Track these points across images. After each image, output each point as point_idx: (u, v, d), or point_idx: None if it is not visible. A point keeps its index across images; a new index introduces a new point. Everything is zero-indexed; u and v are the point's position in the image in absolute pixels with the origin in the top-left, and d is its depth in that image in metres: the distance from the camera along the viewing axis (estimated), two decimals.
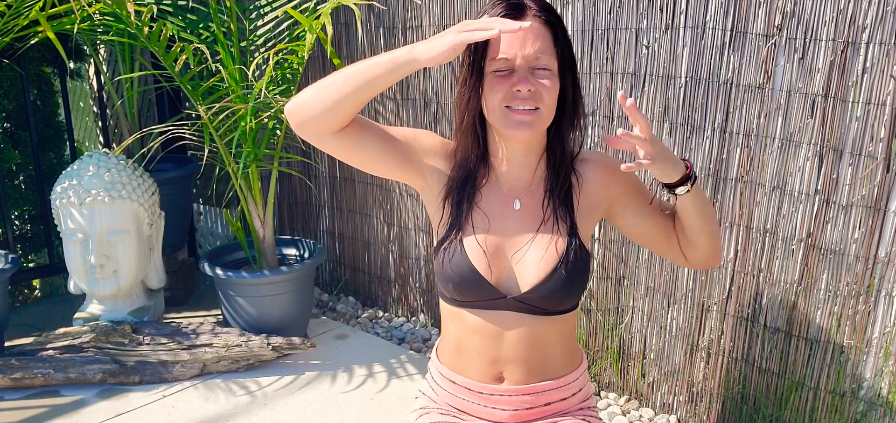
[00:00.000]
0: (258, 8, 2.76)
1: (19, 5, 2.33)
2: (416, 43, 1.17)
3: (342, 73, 1.21)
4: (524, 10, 1.21)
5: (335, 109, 1.21)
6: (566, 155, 1.32)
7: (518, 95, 1.20)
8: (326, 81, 1.22)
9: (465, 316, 1.35)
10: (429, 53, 1.15)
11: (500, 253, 1.31)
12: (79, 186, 2.62)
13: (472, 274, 1.29)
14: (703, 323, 2.23)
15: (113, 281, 2.71)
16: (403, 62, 1.17)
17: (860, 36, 1.78)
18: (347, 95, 1.19)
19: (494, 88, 1.22)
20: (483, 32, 1.12)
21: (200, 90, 2.54)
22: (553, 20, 1.22)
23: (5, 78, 3.18)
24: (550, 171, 1.33)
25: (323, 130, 1.24)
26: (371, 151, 1.29)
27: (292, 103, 1.25)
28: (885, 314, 1.88)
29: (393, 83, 1.21)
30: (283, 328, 2.74)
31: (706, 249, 1.36)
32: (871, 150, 1.81)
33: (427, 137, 1.37)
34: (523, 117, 1.22)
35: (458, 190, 1.33)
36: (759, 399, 2.15)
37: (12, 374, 2.47)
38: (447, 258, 1.32)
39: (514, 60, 1.20)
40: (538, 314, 1.32)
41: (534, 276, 1.29)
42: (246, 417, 2.37)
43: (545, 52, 1.21)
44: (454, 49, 1.13)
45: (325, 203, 3.38)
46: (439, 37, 1.15)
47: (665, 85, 2.14)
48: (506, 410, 1.36)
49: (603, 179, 1.36)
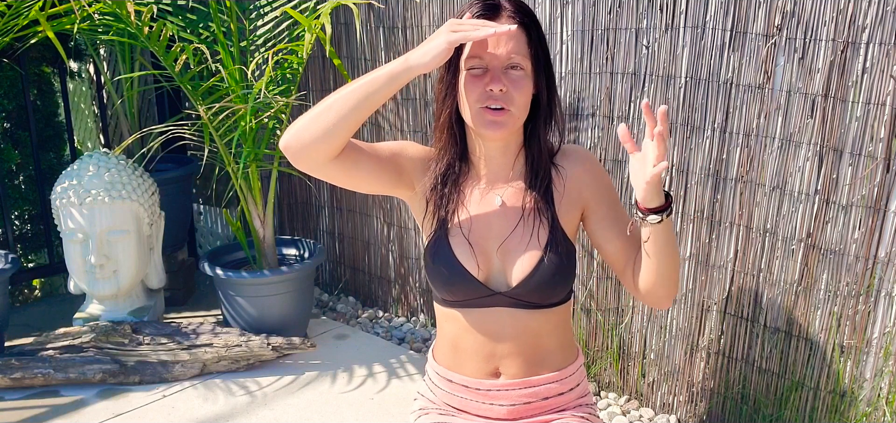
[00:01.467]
0: (258, 8, 2.76)
1: (19, 5, 2.33)
2: (408, 52, 1.18)
3: (338, 94, 1.21)
4: (499, 10, 1.23)
5: (335, 130, 1.20)
6: (544, 151, 1.33)
7: (491, 94, 1.22)
8: (322, 105, 1.22)
9: (459, 316, 1.36)
10: (424, 59, 1.16)
11: (486, 250, 1.32)
12: (79, 186, 2.62)
13: (461, 272, 1.30)
14: (703, 323, 2.23)
15: (113, 281, 2.71)
16: (400, 72, 1.18)
17: (860, 36, 1.78)
18: (347, 114, 1.20)
19: (468, 87, 1.24)
20: (475, 33, 1.14)
21: (200, 90, 2.54)
22: (527, 21, 1.24)
23: (5, 78, 3.18)
24: (529, 166, 1.34)
25: (322, 156, 1.24)
26: (367, 171, 1.30)
27: (289, 134, 1.24)
28: (885, 314, 1.88)
29: (391, 96, 1.21)
30: (283, 328, 2.74)
31: (656, 286, 1.29)
32: (871, 150, 1.81)
33: (412, 148, 1.38)
34: (495, 117, 1.23)
35: (440, 188, 1.34)
36: (759, 399, 2.15)
37: (12, 374, 2.47)
38: (435, 259, 1.33)
39: (489, 60, 1.22)
40: (530, 308, 1.33)
41: (520, 270, 1.30)
42: (246, 417, 2.37)
43: (519, 52, 1.22)
44: (448, 51, 1.15)
45: (325, 203, 3.38)
46: (431, 40, 1.16)
47: (665, 85, 2.14)
48: (503, 405, 1.37)
49: (581, 176, 1.35)
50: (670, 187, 2.19)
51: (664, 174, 1.17)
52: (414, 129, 2.88)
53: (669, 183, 2.19)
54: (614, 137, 2.29)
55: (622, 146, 2.27)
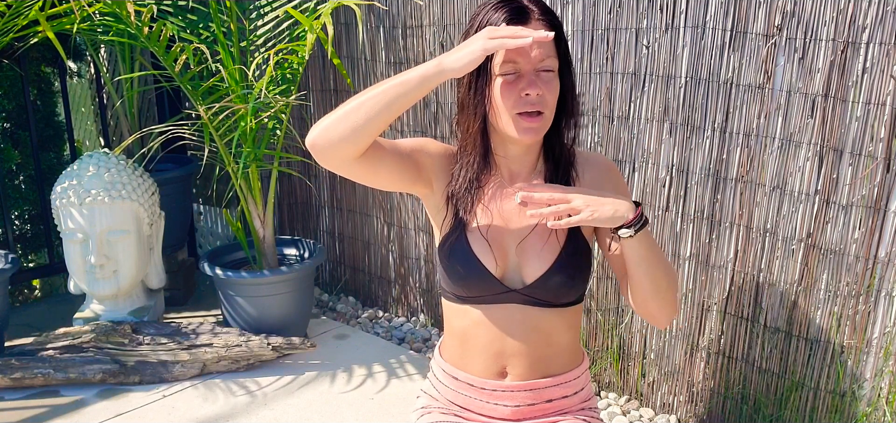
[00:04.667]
0: (258, 8, 2.76)
1: (19, 5, 2.33)
2: (442, 55, 1.18)
3: (368, 94, 1.20)
4: (528, 14, 1.23)
5: (364, 129, 1.20)
6: (564, 147, 1.35)
7: (527, 99, 1.22)
8: (351, 104, 1.21)
9: (471, 312, 1.36)
10: (459, 63, 1.16)
11: (504, 247, 1.32)
12: (79, 186, 2.62)
13: (478, 269, 1.31)
14: (703, 323, 2.23)
15: (113, 281, 2.71)
16: (433, 74, 1.17)
17: (860, 36, 1.78)
18: (377, 114, 1.19)
19: (504, 93, 1.24)
20: (513, 41, 1.13)
21: (200, 90, 2.54)
22: (556, 23, 1.25)
23: (5, 78, 3.18)
24: (550, 163, 1.35)
25: (348, 154, 1.23)
26: (389, 169, 1.30)
27: (316, 131, 1.23)
28: (885, 314, 1.88)
29: (421, 98, 1.21)
30: (282, 328, 2.74)
31: (646, 302, 1.30)
32: (871, 150, 1.81)
33: (432, 145, 1.38)
34: (531, 123, 1.24)
35: (461, 189, 1.34)
36: (759, 399, 2.15)
37: (12, 374, 2.47)
38: (452, 255, 1.33)
39: (522, 65, 1.23)
40: (543, 307, 1.33)
41: (538, 268, 1.31)
42: (246, 417, 2.37)
43: (549, 54, 1.23)
44: (482, 57, 1.15)
45: (325, 203, 3.38)
46: (467, 45, 1.16)
47: (665, 85, 2.14)
48: (508, 406, 1.37)
49: (599, 180, 1.37)
50: (670, 188, 2.19)
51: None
52: (413, 129, 2.88)
53: (669, 183, 2.19)
54: (614, 137, 2.29)
55: (623, 147, 2.27)
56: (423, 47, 2.74)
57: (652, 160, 2.22)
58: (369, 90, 1.21)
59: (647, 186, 2.25)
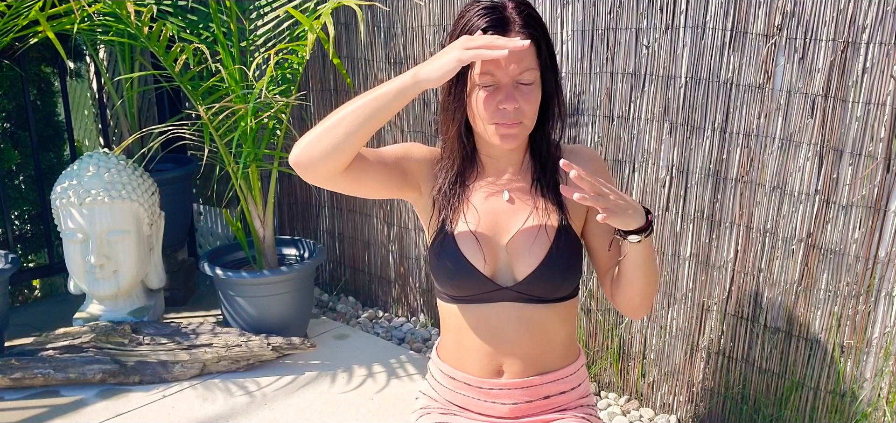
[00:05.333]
0: (258, 8, 2.75)
1: (19, 5, 2.33)
2: (419, 65, 1.18)
3: (346, 109, 1.20)
4: (509, 24, 1.22)
5: (344, 145, 1.20)
6: (550, 144, 1.35)
7: (504, 113, 1.22)
8: (330, 121, 1.21)
9: (464, 312, 1.36)
10: (435, 74, 1.16)
11: (493, 244, 1.33)
12: (79, 186, 2.62)
13: (467, 267, 1.31)
14: (703, 323, 2.23)
15: (113, 281, 2.71)
16: (410, 85, 1.17)
17: (860, 36, 1.78)
18: (356, 129, 1.19)
19: (480, 104, 1.24)
20: (488, 52, 1.13)
21: (200, 90, 2.54)
22: (537, 34, 1.23)
23: (5, 78, 3.18)
24: (536, 160, 1.35)
25: (331, 170, 1.23)
26: (374, 179, 1.30)
27: (298, 149, 1.23)
28: (885, 314, 1.88)
29: (400, 109, 1.21)
30: (282, 328, 2.74)
31: (631, 300, 1.34)
32: (871, 150, 1.81)
33: (417, 150, 1.39)
34: (508, 131, 1.24)
35: (448, 189, 1.35)
36: (759, 399, 2.15)
37: (12, 374, 2.46)
38: (441, 255, 1.34)
39: (500, 77, 1.22)
40: (536, 303, 1.33)
41: (528, 264, 1.31)
42: (246, 417, 2.37)
43: (529, 66, 1.22)
44: (459, 67, 1.15)
45: (325, 203, 3.38)
46: (443, 55, 1.16)
47: (665, 85, 2.14)
48: (506, 403, 1.37)
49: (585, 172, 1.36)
50: (670, 188, 2.19)
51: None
52: (414, 129, 2.88)
53: (669, 183, 2.19)
54: (614, 137, 2.29)
55: (623, 147, 2.27)
56: (423, 47, 2.74)
57: (652, 160, 2.22)
58: (348, 105, 1.21)
59: (647, 186, 2.25)
